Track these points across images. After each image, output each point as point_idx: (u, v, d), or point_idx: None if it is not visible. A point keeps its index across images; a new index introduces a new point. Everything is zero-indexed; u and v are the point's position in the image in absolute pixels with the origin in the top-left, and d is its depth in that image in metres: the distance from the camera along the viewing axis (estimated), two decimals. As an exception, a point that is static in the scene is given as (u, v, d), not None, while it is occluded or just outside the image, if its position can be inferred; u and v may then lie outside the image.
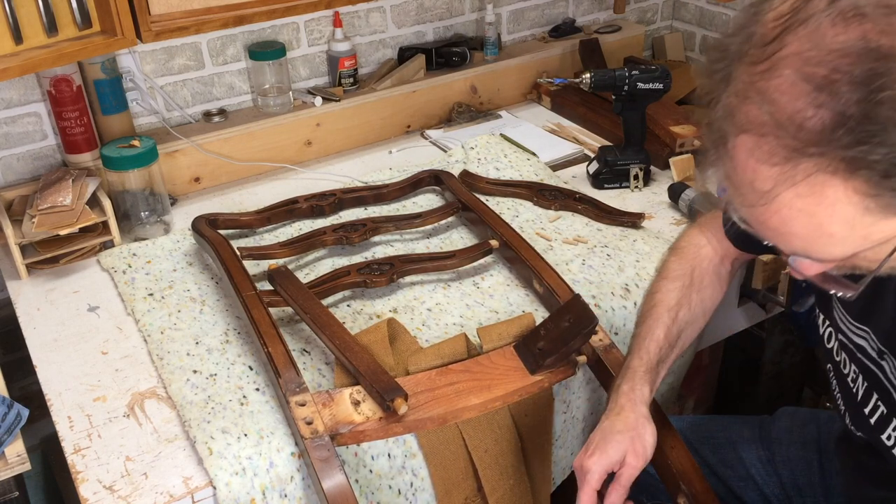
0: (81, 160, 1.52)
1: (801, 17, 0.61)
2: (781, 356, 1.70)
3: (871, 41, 0.57)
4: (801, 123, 0.59)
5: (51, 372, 1.19)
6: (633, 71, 1.53)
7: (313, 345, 1.20)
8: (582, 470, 0.98)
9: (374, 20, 1.84)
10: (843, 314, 0.92)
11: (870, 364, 0.89)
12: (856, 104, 0.57)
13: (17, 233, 1.37)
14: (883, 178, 0.58)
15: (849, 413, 0.96)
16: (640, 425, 0.99)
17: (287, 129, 1.72)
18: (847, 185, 0.59)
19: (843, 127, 0.57)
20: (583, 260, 1.38)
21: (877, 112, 0.57)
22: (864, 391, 0.91)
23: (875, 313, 0.87)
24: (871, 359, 0.89)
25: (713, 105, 0.65)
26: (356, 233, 1.40)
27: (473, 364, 1.12)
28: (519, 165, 1.67)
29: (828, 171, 0.59)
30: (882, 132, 0.57)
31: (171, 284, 1.35)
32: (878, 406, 0.90)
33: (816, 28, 0.59)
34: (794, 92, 0.59)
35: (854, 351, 0.91)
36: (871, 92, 0.57)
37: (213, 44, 1.67)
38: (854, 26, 0.58)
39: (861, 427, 0.94)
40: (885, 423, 0.89)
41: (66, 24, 1.26)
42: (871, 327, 0.88)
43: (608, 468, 0.97)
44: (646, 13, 2.24)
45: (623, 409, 1.00)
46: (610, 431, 0.98)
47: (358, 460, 1.07)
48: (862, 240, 0.63)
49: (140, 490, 1.00)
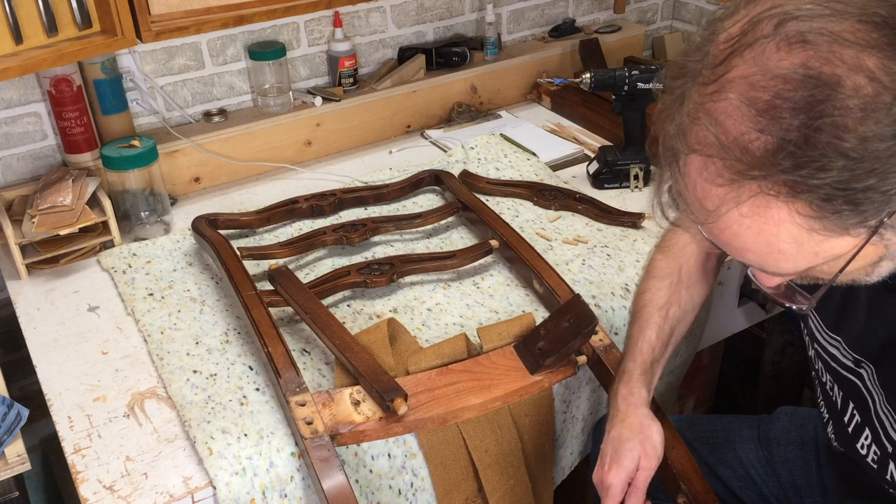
0: (81, 160, 1.52)
1: (747, 40, 0.62)
2: (781, 356, 1.70)
3: (813, 68, 0.58)
4: (745, 146, 0.60)
5: (51, 372, 1.19)
6: (633, 71, 1.53)
7: (313, 345, 1.20)
8: (603, 486, 0.99)
9: (374, 20, 1.84)
10: (819, 323, 0.92)
11: (845, 373, 0.89)
12: (796, 130, 0.58)
13: (17, 233, 1.37)
14: (824, 202, 0.59)
15: (832, 422, 0.97)
16: (646, 427, 0.99)
17: (287, 129, 1.72)
18: (790, 207, 0.61)
19: (784, 151, 0.58)
20: (583, 260, 1.38)
21: (817, 138, 0.57)
22: (842, 400, 0.92)
23: (846, 322, 0.87)
24: (846, 367, 0.89)
25: (668, 123, 0.66)
26: (356, 233, 1.41)
27: (473, 364, 1.12)
28: (519, 165, 1.67)
29: (770, 193, 0.60)
30: (822, 157, 0.58)
31: (171, 284, 1.35)
32: (853, 415, 0.90)
33: (761, 52, 0.60)
34: (739, 115, 0.60)
35: (829, 360, 0.92)
36: (811, 118, 0.57)
37: (213, 44, 1.67)
38: (797, 52, 0.59)
39: (840, 438, 0.94)
40: (859, 431, 0.89)
41: (66, 24, 1.26)
42: (843, 336, 0.88)
43: (627, 479, 0.98)
44: (646, 13, 2.24)
45: (626, 416, 1.01)
46: (619, 441, 0.99)
47: (358, 460, 1.07)
48: (813, 256, 0.64)
49: (140, 490, 1.00)
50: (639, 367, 1.05)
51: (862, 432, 0.89)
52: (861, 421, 0.89)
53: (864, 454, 0.89)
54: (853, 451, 0.91)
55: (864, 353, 0.86)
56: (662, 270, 1.13)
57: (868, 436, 0.89)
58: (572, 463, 1.30)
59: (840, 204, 0.59)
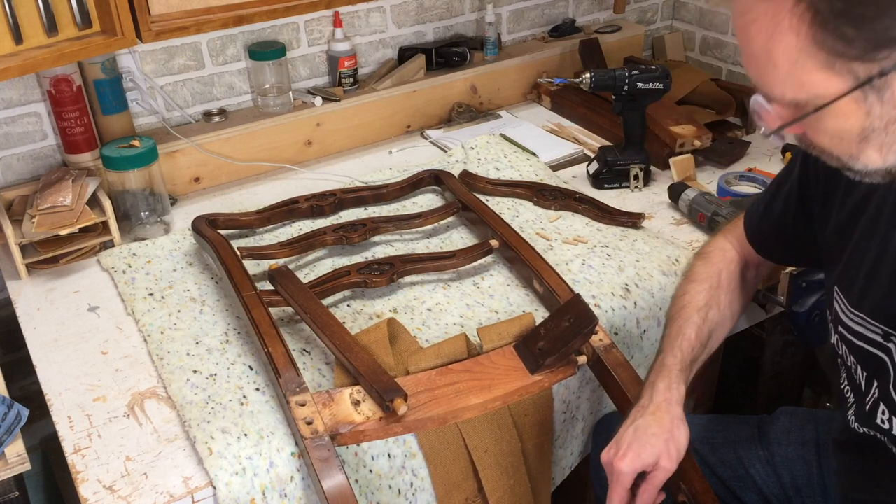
0: (81, 160, 1.52)
1: None
2: (781, 356, 1.70)
3: None
4: None
5: (51, 372, 1.19)
6: (633, 71, 1.53)
7: (313, 345, 1.20)
8: (614, 470, 0.98)
9: (374, 20, 1.84)
10: (843, 304, 0.93)
11: (872, 349, 0.90)
12: None
13: (17, 233, 1.37)
14: (830, 16, 0.66)
15: (855, 405, 0.97)
16: (675, 427, 0.99)
17: (287, 129, 1.72)
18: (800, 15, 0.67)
19: None
20: (583, 260, 1.38)
21: None
22: (866, 381, 0.92)
23: (870, 295, 0.89)
24: (874, 343, 0.90)
25: None
26: (356, 233, 1.40)
27: (473, 364, 1.12)
28: (519, 165, 1.67)
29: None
30: None
31: (171, 284, 1.35)
32: (874, 392, 0.91)
33: None
34: None
35: (853, 340, 0.92)
36: None
37: (213, 44, 1.67)
38: None
39: (860, 417, 0.94)
40: (876, 406, 0.91)
41: (66, 24, 1.26)
42: (868, 310, 0.90)
43: (640, 470, 0.97)
44: (646, 13, 2.24)
45: (659, 409, 1.00)
46: (644, 433, 0.98)
47: (358, 460, 1.07)
48: (799, 86, 0.71)
49: (140, 490, 1.00)
50: (678, 363, 1.04)
51: (878, 407, 0.90)
52: (879, 395, 0.90)
53: (887, 427, 0.90)
54: (874, 427, 0.92)
55: (890, 321, 0.87)
56: (701, 275, 1.14)
57: (885, 410, 0.90)
58: (572, 463, 1.30)
59: (843, 24, 0.65)
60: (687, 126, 1.69)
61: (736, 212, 1.42)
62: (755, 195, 1.53)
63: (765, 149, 1.77)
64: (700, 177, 1.65)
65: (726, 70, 2.13)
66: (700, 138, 1.66)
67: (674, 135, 1.66)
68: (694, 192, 1.50)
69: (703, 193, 1.49)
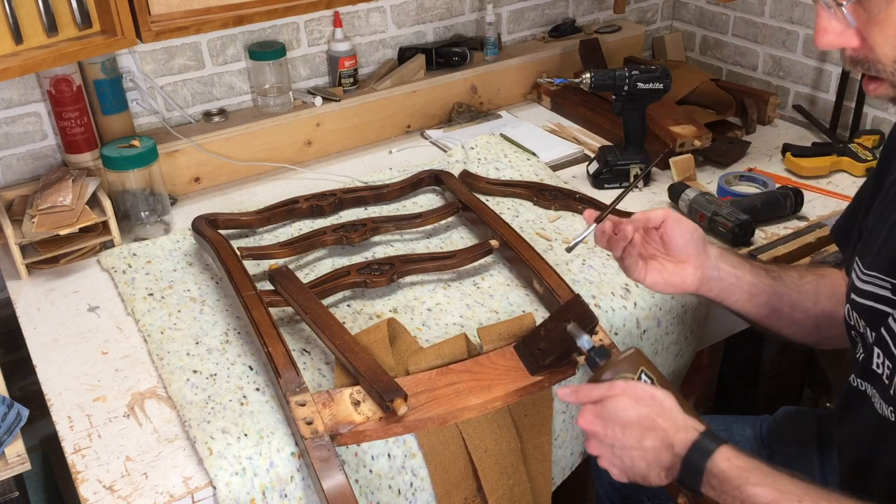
0: (81, 160, 1.52)
1: None
2: (781, 356, 1.70)
3: None
4: None
5: (51, 372, 1.19)
6: (633, 71, 1.53)
7: (313, 345, 1.20)
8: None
9: (374, 20, 1.84)
10: (859, 268, 0.94)
11: (880, 305, 0.90)
12: None
13: (17, 233, 1.37)
14: None
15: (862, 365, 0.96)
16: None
17: (287, 129, 1.72)
18: None
19: None
20: (583, 260, 1.38)
21: None
22: (875, 339, 0.92)
23: (884, 252, 0.90)
24: (882, 299, 0.90)
25: None
26: (356, 233, 1.40)
27: (473, 364, 1.12)
28: (519, 165, 1.67)
29: None
30: None
31: (171, 284, 1.35)
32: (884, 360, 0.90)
33: None
34: None
35: (863, 302, 0.93)
36: None
37: (213, 44, 1.67)
38: None
39: (865, 374, 0.94)
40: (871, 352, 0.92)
41: (66, 24, 1.26)
42: (879, 266, 0.90)
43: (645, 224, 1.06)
44: (646, 13, 2.24)
45: None
46: None
47: (358, 460, 1.07)
48: None
49: (140, 490, 1.00)
50: None
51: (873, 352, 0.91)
52: (874, 341, 0.91)
53: (880, 372, 0.90)
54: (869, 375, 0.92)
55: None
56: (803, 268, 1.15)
57: (879, 353, 0.91)
58: (572, 464, 1.30)
59: None
60: (687, 126, 1.69)
61: (736, 211, 1.42)
62: (756, 195, 1.53)
63: (765, 149, 1.77)
64: (700, 177, 1.65)
65: (726, 70, 2.13)
66: (700, 138, 1.66)
67: (674, 135, 1.66)
68: (694, 192, 1.50)
69: (703, 193, 1.49)
